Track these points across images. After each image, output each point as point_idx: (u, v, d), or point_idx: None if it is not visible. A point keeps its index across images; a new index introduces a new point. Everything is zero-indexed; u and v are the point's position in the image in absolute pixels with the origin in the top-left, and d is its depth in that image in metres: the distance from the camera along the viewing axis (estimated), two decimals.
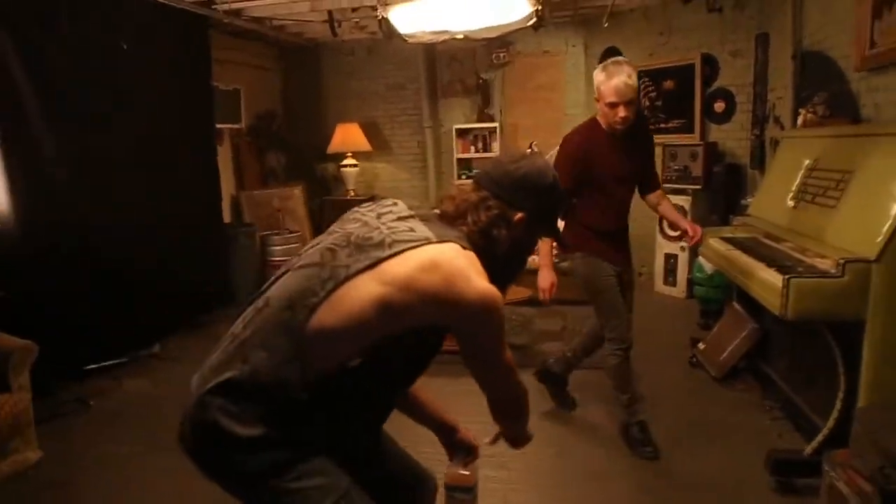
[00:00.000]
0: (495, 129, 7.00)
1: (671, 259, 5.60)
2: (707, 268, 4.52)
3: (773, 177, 3.63)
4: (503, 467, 2.70)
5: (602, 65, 2.88)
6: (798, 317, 2.36)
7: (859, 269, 2.27)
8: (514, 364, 1.41)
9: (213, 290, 5.34)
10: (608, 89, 2.80)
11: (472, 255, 1.32)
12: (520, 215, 1.43)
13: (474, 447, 1.72)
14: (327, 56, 7.37)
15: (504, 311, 1.32)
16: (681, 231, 3.08)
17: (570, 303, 4.85)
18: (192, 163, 5.17)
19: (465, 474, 1.65)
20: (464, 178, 7.14)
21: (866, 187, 2.52)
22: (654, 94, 5.92)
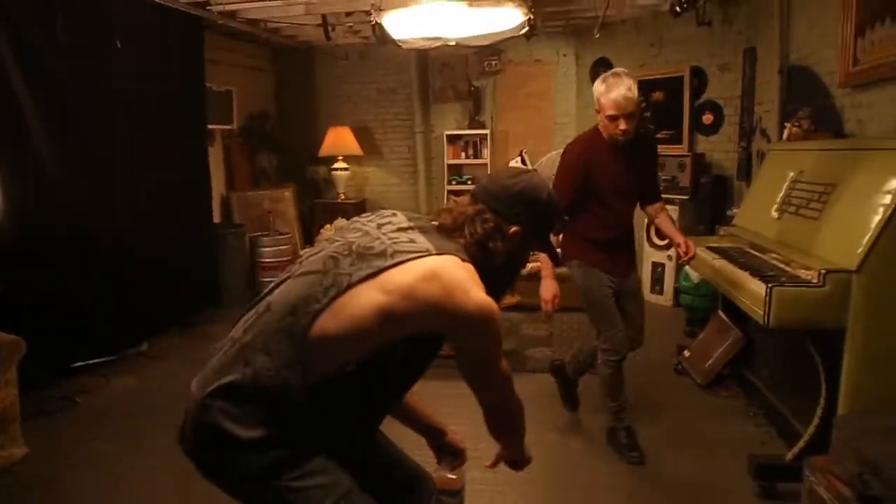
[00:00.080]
0: (486, 135, 7.06)
1: (658, 268, 5.66)
2: (693, 277, 4.59)
3: (758, 188, 3.70)
4: (490, 471, 2.72)
5: (602, 76, 2.85)
6: (780, 325, 2.41)
7: (840, 280, 2.33)
8: (510, 374, 1.45)
9: (202, 290, 5.36)
10: (608, 102, 2.78)
11: (471, 268, 1.36)
12: (515, 229, 1.48)
13: (462, 451, 1.76)
14: (320, 59, 7.40)
15: (501, 321, 1.37)
16: (674, 246, 3.04)
17: (567, 309, 4.92)
18: (183, 162, 5.18)
19: (452, 478, 1.68)
20: (454, 182, 7.19)
21: (848, 200, 2.58)
22: (643, 104, 5.99)
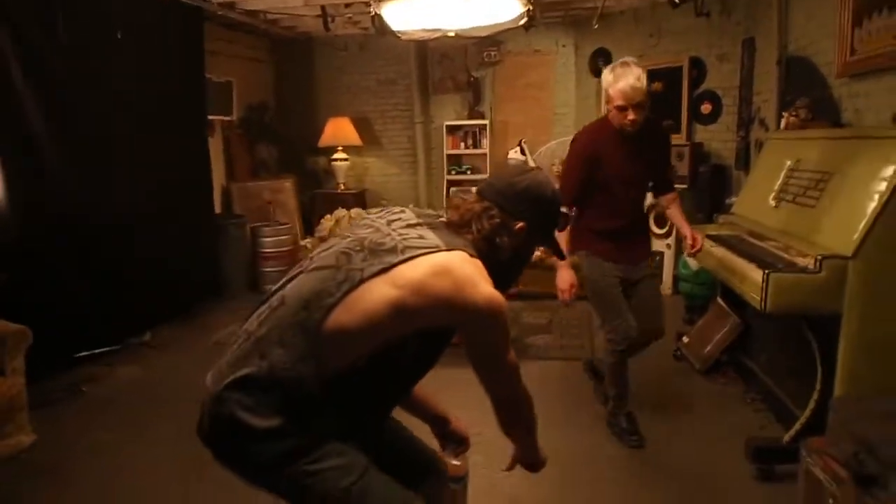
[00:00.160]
0: (485, 126, 7.08)
1: (657, 256, 5.69)
2: (692, 265, 4.63)
3: (756, 177, 3.73)
4: (491, 454, 2.76)
5: (610, 66, 2.83)
6: (776, 310, 2.46)
7: (836, 266, 2.37)
8: (518, 365, 1.48)
9: (203, 281, 5.39)
10: (616, 92, 2.75)
11: (479, 263, 1.41)
12: (521, 225, 1.52)
13: (466, 438, 1.81)
14: (320, 50, 7.40)
15: (508, 314, 1.41)
16: (682, 238, 3.05)
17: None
18: (184, 154, 5.19)
19: (457, 464, 1.73)
20: (453, 173, 7.22)
21: (844, 188, 2.62)
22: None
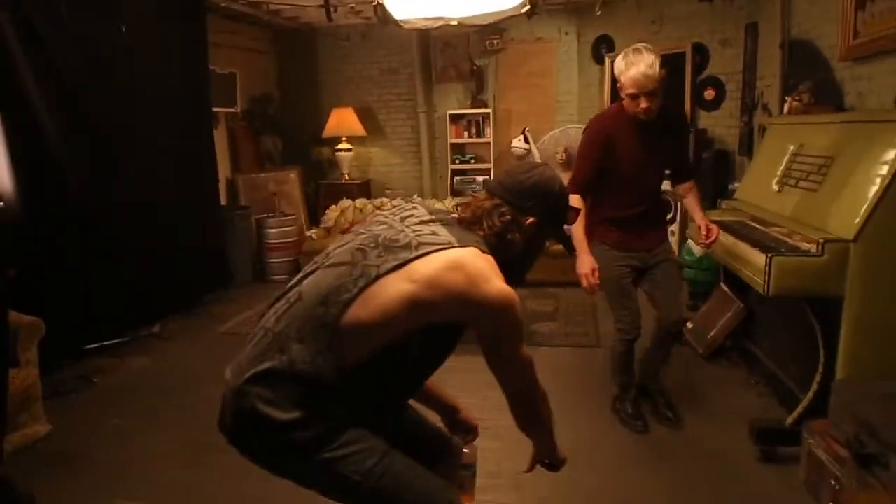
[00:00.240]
0: (488, 114, 7.09)
1: None
2: (696, 251, 4.64)
3: (759, 162, 3.74)
4: (497, 438, 2.80)
5: (623, 52, 2.74)
6: (779, 294, 2.48)
7: (838, 249, 2.39)
8: (531, 359, 1.51)
9: (210, 272, 5.42)
10: (627, 80, 2.68)
11: (490, 258, 1.44)
12: (531, 220, 1.56)
13: (474, 426, 1.85)
14: (322, 41, 7.40)
15: (520, 308, 1.44)
16: (696, 228, 2.95)
17: (573, 285, 4.95)
18: (189, 146, 5.21)
19: (466, 452, 1.77)
20: (457, 162, 7.25)
21: (847, 172, 2.63)
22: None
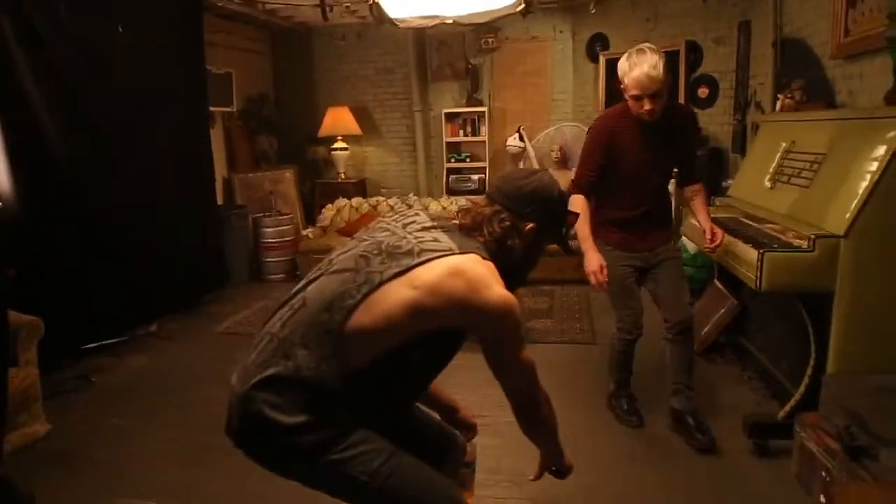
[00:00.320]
0: (484, 113, 7.10)
1: None
2: (690, 248, 4.68)
3: (752, 159, 3.78)
4: (497, 435, 2.84)
5: (627, 52, 2.68)
6: (771, 289, 2.52)
7: (829, 244, 2.42)
8: (532, 362, 1.53)
9: (207, 271, 5.44)
10: (631, 81, 2.63)
11: (491, 265, 1.47)
12: (530, 226, 1.59)
13: (473, 425, 1.89)
14: (318, 40, 7.41)
15: (520, 313, 1.47)
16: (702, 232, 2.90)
17: (568, 282, 4.99)
18: (187, 145, 5.22)
19: (467, 451, 1.81)
20: (453, 160, 7.26)
21: (837, 168, 2.67)
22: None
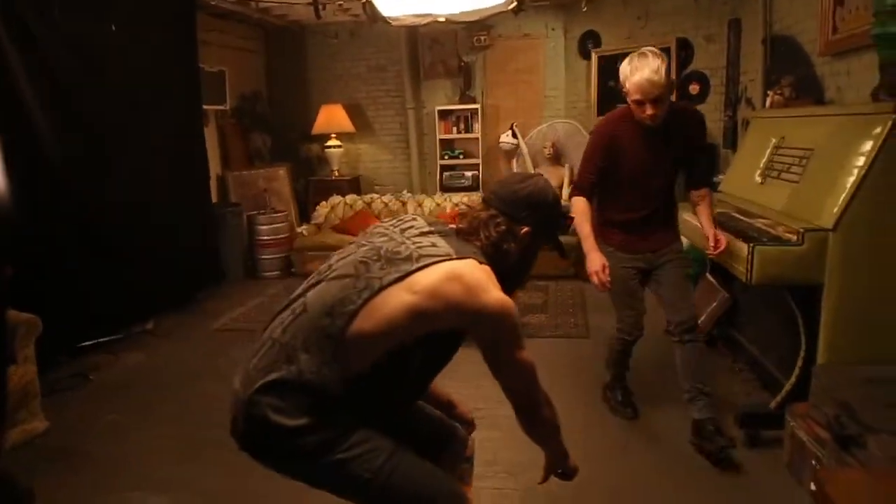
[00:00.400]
0: (477, 110, 7.13)
1: None
2: (684, 242, 4.73)
3: (743, 155, 3.83)
4: (494, 428, 2.88)
5: (629, 56, 2.64)
6: (761, 282, 2.57)
7: (817, 238, 2.48)
8: (531, 363, 1.56)
9: (203, 269, 5.46)
10: (632, 86, 2.59)
11: (488, 269, 1.51)
12: (526, 230, 1.62)
13: (471, 421, 1.93)
14: (311, 38, 7.42)
15: (517, 316, 1.50)
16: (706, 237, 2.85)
17: (563, 278, 5.03)
18: (181, 143, 5.23)
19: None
20: (446, 157, 7.29)
21: (825, 163, 2.72)
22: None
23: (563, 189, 6.22)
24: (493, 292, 1.45)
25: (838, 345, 2.55)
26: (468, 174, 7.16)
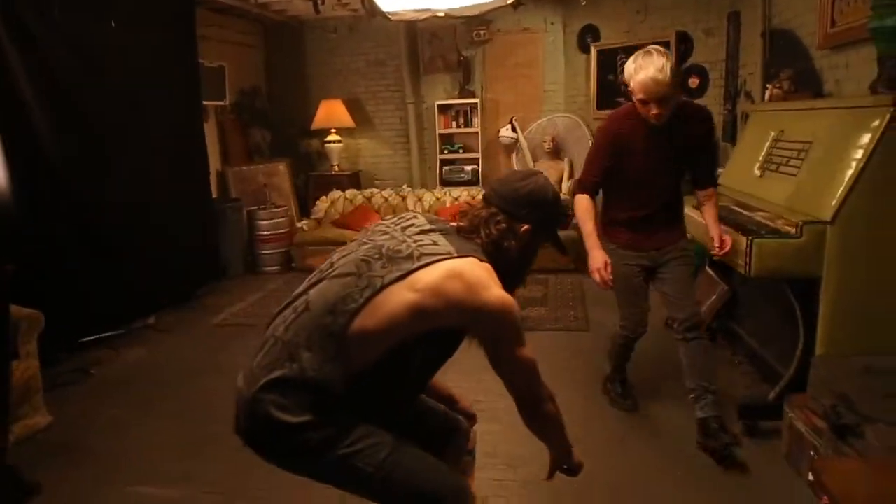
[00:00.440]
0: (476, 104, 7.12)
1: None
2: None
3: (742, 148, 3.84)
4: (494, 421, 2.90)
5: (634, 54, 2.60)
6: (760, 275, 2.58)
7: (816, 230, 2.49)
8: (533, 359, 1.56)
9: (203, 264, 5.47)
10: (637, 85, 2.55)
11: (489, 267, 1.52)
12: (526, 227, 1.63)
13: (473, 415, 1.94)
14: (310, 33, 7.41)
15: (518, 313, 1.51)
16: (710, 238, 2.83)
17: (563, 271, 5.04)
18: (181, 139, 5.23)
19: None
20: (446, 152, 7.29)
21: (824, 156, 2.73)
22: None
23: (563, 183, 6.23)
24: (493, 290, 1.46)
25: (836, 336, 2.56)
26: (468, 168, 7.16)
